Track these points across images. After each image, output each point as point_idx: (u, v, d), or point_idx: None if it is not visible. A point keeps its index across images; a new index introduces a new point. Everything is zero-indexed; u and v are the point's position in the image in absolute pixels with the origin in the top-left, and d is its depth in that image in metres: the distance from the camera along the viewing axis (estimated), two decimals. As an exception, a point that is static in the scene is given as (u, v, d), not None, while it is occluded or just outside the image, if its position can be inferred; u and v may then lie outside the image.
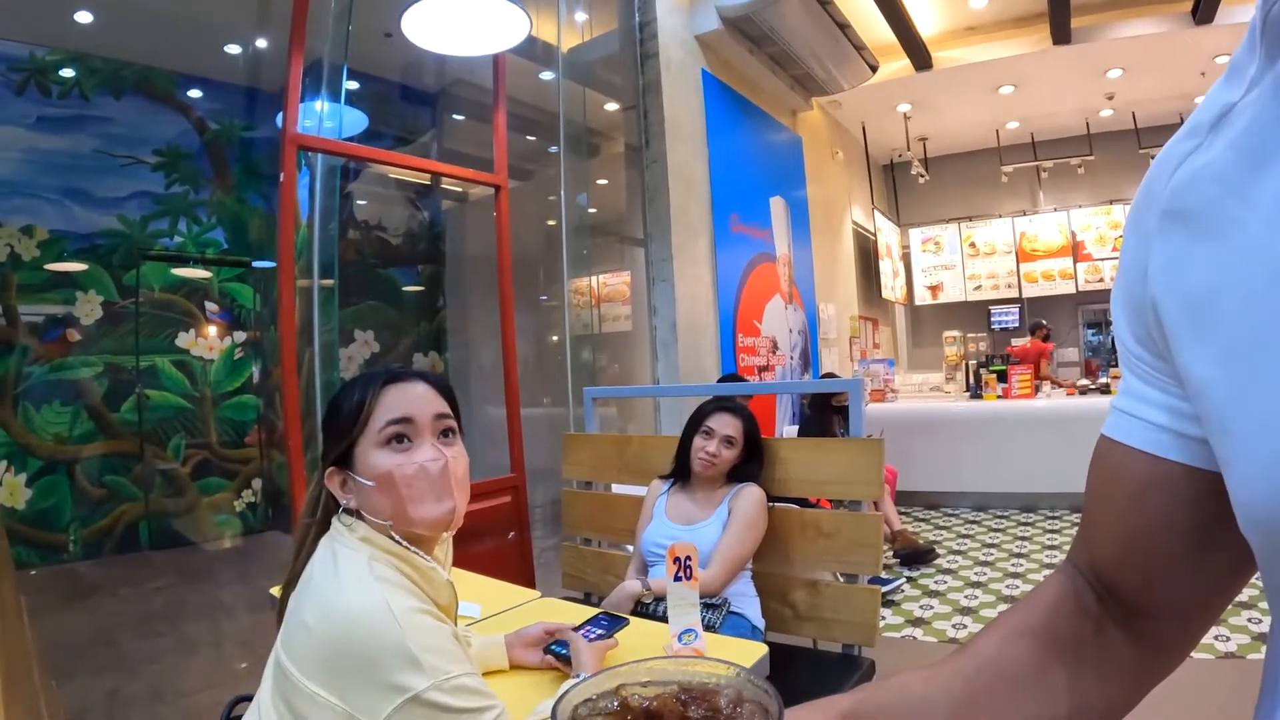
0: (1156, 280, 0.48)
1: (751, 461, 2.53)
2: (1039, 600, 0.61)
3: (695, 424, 2.56)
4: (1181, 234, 0.46)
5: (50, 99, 5.76)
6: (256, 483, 6.82)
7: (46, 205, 5.74)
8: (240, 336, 6.83)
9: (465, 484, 1.28)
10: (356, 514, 1.23)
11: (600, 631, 1.67)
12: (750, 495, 2.43)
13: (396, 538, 1.20)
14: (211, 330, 6.64)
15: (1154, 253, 0.49)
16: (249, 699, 1.23)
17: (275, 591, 2.09)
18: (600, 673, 0.43)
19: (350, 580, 1.11)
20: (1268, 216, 0.40)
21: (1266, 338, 0.40)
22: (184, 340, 6.47)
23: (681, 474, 2.58)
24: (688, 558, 1.67)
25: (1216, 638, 3.38)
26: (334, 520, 1.23)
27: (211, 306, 6.66)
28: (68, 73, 5.84)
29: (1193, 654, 0.61)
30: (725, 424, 2.50)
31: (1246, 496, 0.43)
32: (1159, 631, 0.58)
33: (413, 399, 1.26)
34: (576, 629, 1.64)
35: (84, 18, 5.53)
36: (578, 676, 1.44)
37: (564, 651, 1.54)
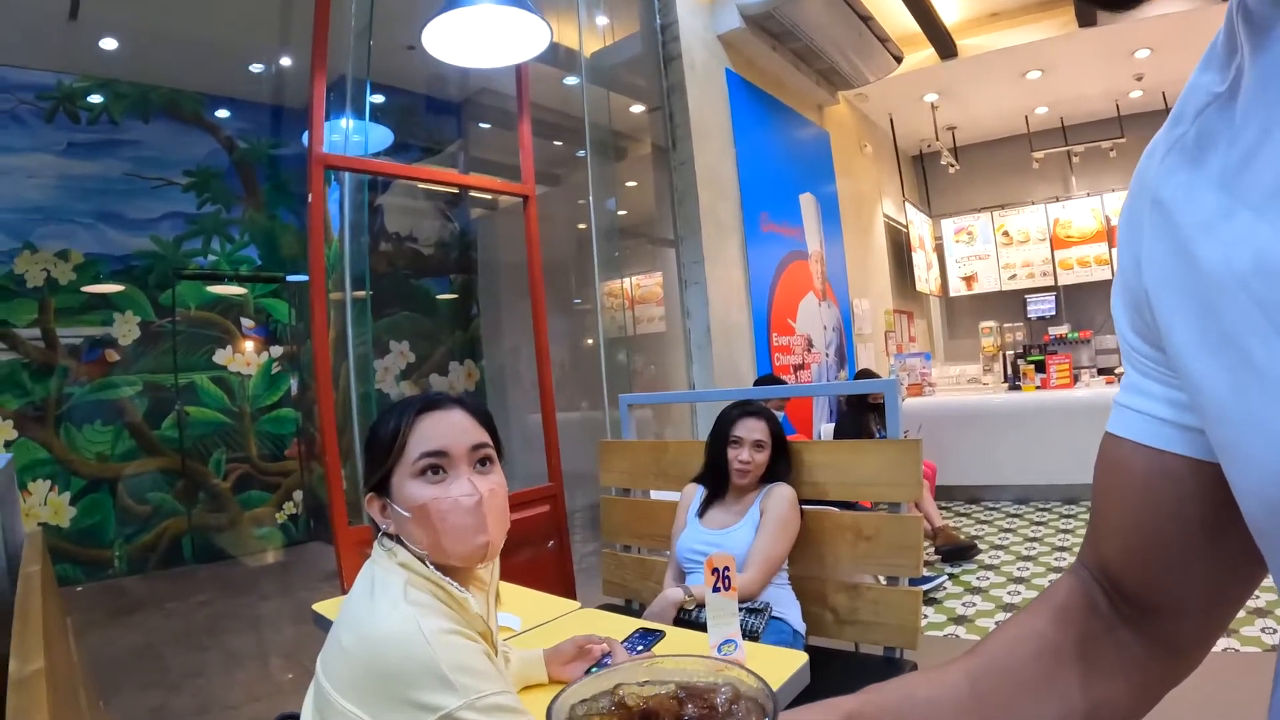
0: (1148, 270, 0.49)
1: (779, 460, 2.54)
2: (1048, 601, 0.60)
3: (722, 434, 2.58)
4: (1170, 223, 0.46)
5: (79, 125, 5.88)
6: (297, 495, 6.90)
7: (81, 229, 5.86)
8: (277, 351, 6.91)
9: (503, 513, 1.29)
10: (396, 538, 1.24)
11: (641, 647, 1.70)
12: (781, 494, 2.44)
13: (430, 566, 1.20)
14: (248, 346, 6.73)
15: (1145, 242, 0.49)
16: (294, 717, 1.25)
17: (317, 607, 2.11)
18: (599, 672, 0.44)
19: (384, 603, 1.13)
20: (1255, 205, 0.40)
21: (1257, 325, 0.40)
22: (221, 357, 6.56)
23: (717, 482, 2.59)
24: (726, 568, 1.66)
25: (1264, 630, 3.29)
26: (375, 544, 1.24)
27: (247, 322, 6.74)
28: (96, 98, 5.96)
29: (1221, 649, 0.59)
30: (752, 429, 2.53)
31: (1255, 482, 0.42)
32: (1171, 631, 0.57)
33: (448, 428, 1.26)
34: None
35: (109, 44, 5.64)
36: None
37: None
